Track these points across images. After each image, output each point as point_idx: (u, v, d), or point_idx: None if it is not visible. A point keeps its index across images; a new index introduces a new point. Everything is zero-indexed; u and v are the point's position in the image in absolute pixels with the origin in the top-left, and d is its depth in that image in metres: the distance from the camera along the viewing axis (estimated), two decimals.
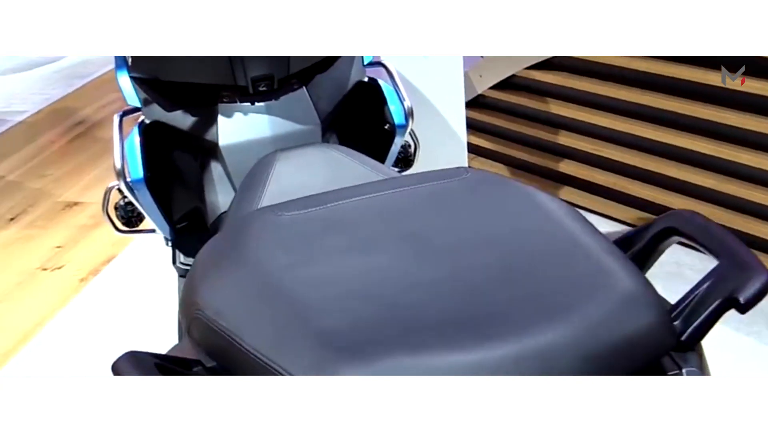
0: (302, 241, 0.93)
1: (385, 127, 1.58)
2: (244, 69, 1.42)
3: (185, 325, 0.92)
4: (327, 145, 1.44)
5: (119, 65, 1.52)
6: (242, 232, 0.97)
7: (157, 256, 1.74)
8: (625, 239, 0.97)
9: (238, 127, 1.48)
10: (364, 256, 0.90)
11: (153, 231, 1.59)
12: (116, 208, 1.61)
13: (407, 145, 1.70)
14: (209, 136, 1.48)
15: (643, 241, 0.95)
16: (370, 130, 1.61)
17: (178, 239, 1.56)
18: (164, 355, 0.87)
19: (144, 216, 1.56)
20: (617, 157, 2.43)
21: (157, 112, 1.50)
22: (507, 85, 2.70)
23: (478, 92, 2.76)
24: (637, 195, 2.40)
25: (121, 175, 1.42)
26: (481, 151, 2.83)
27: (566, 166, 2.59)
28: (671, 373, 0.81)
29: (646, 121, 2.32)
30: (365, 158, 1.34)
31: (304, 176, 1.28)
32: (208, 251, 0.99)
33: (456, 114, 2.28)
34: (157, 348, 0.90)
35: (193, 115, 1.50)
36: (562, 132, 2.58)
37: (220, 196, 1.50)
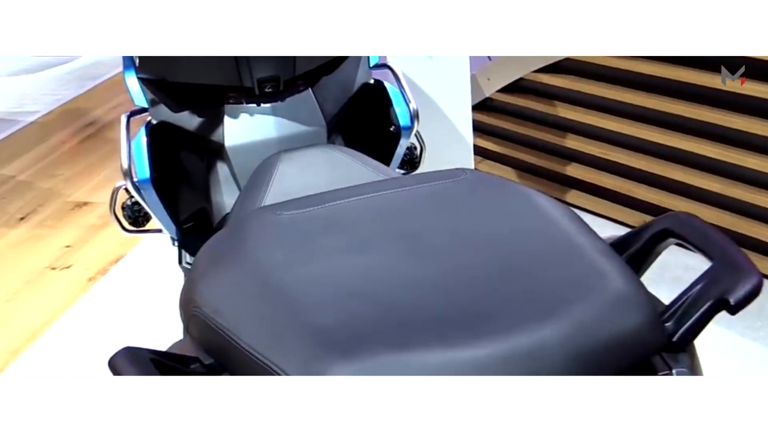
0: (300, 240, 0.94)
1: (391, 129, 1.58)
2: (250, 70, 1.43)
3: (184, 323, 0.93)
4: (330, 146, 1.45)
5: (127, 66, 1.53)
6: (241, 231, 0.98)
7: (165, 257, 1.75)
8: (623, 241, 0.97)
9: (244, 128, 1.49)
10: (361, 256, 0.91)
11: (159, 231, 1.60)
12: (123, 208, 1.62)
13: (413, 147, 1.70)
14: (215, 136, 1.50)
15: (640, 243, 0.95)
16: (376, 131, 1.61)
17: (184, 239, 1.57)
18: (161, 351, 0.88)
19: (151, 216, 1.57)
20: (624, 161, 2.42)
21: (164, 113, 1.52)
22: (515, 88, 2.70)
23: (486, 95, 2.77)
24: (643, 198, 2.39)
25: (128, 175, 1.44)
26: (489, 154, 2.83)
27: (573, 170, 2.59)
28: (662, 373, 0.81)
29: (653, 124, 2.32)
30: (368, 159, 1.35)
31: (307, 177, 1.29)
32: (208, 250, 1.00)
33: (462, 116, 2.29)
34: (163, 347, 0.91)
35: (199, 116, 1.51)
36: (569, 135, 2.58)
37: (226, 196, 1.51)
